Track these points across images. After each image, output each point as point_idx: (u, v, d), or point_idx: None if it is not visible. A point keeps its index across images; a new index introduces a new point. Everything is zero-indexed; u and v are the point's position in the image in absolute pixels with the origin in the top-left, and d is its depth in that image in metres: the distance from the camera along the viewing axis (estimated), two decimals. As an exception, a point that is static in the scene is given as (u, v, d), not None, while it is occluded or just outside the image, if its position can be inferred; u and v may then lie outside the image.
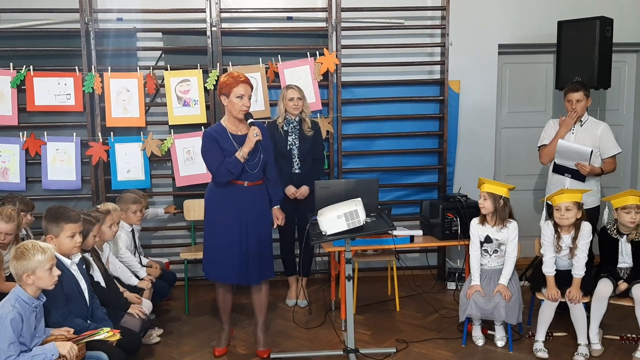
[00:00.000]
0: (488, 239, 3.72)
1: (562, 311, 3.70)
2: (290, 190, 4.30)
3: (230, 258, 3.45)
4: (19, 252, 2.68)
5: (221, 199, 3.46)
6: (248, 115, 3.42)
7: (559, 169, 4.09)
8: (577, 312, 3.53)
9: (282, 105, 4.34)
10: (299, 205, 4.36)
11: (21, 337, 2.59)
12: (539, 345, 3.57)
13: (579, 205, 3.57)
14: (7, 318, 2.55)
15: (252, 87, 3.44)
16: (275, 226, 3.66)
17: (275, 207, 3.66)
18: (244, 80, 3.37)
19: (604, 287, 3.53)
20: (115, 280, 3.64)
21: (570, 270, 3.60)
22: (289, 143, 4.32)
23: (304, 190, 4.31)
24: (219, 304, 3.67)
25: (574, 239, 3.56)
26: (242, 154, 3.35)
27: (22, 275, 2.64)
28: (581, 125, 4.13)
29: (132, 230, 4.19)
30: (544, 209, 3.90)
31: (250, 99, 3.42)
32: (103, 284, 3.41)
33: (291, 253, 4.58)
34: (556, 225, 3.62)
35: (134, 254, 4.13)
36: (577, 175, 4.00)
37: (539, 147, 4.31)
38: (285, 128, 4.33)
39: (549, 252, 3.63)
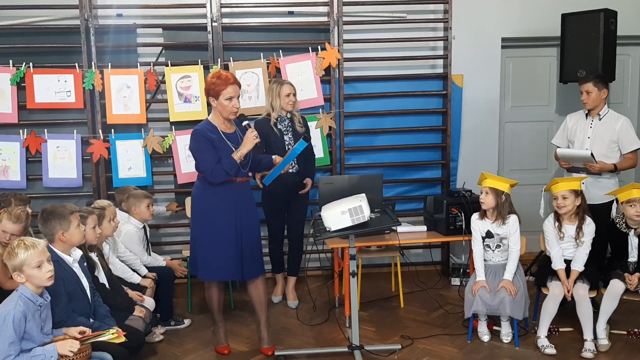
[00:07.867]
0: (489, 234, 3.70)
1: (564, 307, 3.69)
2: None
3: (227, 254, 3.41)
4: (7, 251, 2.63)
5: (215, 197, 3.40)
6: (242, 117, 3.42)
7: (573, 169, 4.12)
8: (583, 308, 3.50)
9: (277, 102, 4.19)
10: (290, 203, 4.31)
11: (26, 334, 2.55)
12: (542, 342, 3.54)
13: (577, 193, 3.60)
14: (10, 316, 2.50)
15: (240, 86, 3.39)
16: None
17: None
18: (233, 81, 3.31)
19: (618, 285, 3.50)
20: (118, 281, 3.58)
21: None
22: (287, 143, 4.19)
23: (309, 182, 4.31)
24: (212, 303, 3.60)
25: (578, 228, 3.59)
26: (240, 155, 3.32)
27: (12, 273, 2.60)
28: (600, 119, 4.07)
29: (144, 227, 4.14)
30: (542, 199, 3.92)
31: (239, 99, 3.37)
32: (108, 285, 3.38)
33: (280, 249, 4.51)
34: (557, 215, 3.67)
35: (146, 251, 4.09)
36: (590, 171, 4.01)
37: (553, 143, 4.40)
38: (279, 127, 4.21)
39: (555, 246, 3.65)
